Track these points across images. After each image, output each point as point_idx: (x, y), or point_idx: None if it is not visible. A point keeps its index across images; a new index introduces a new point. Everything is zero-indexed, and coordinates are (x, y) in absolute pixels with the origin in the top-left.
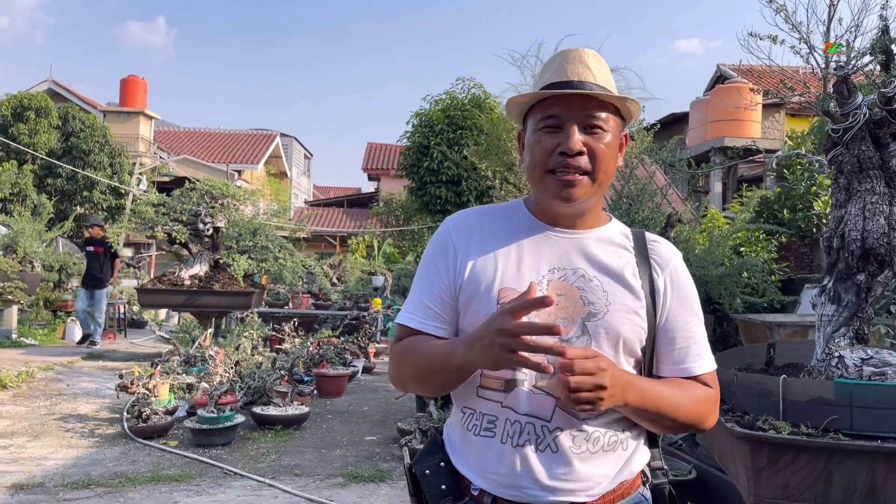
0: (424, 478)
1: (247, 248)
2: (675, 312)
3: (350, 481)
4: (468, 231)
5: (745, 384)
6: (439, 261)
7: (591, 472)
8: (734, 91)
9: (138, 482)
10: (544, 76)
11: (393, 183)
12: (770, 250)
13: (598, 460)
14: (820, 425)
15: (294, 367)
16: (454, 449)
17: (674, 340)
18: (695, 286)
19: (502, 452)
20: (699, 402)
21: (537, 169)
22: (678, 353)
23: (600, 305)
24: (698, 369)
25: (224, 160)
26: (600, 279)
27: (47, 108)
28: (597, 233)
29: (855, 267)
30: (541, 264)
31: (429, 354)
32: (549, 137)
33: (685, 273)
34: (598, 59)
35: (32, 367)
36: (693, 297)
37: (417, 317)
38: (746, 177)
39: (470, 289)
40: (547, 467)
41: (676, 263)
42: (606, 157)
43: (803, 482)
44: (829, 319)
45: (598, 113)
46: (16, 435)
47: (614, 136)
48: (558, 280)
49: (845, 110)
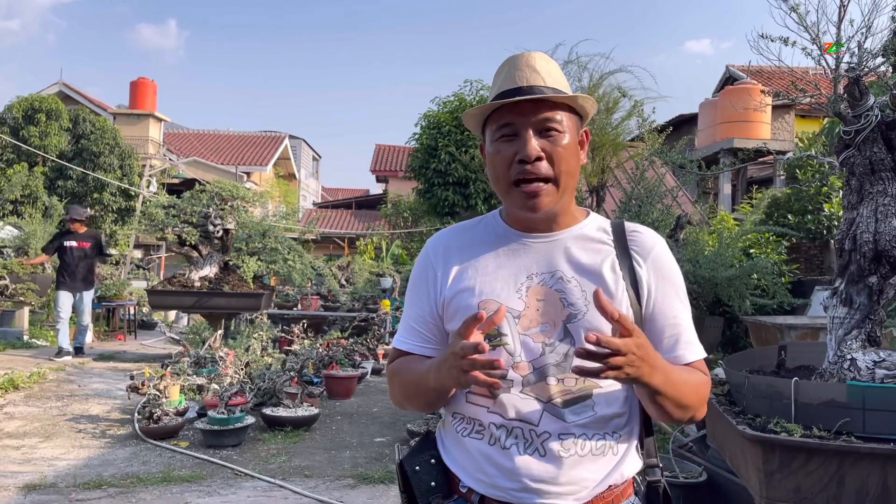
0: (415, 474)
1: (256, 249)
2: (660, 301)
3: (360, 482)
4: (445, 250)
5: (757, 386)
6: (420, 284)
7: (579, 476)
8: (743, 92)
9: (149, 483)
10: (495, 86)
11: (401, 185)
12: (780, 252)
13: (587, 464)
14: (832, 428)
15: (304, 368)
16: (445, 447)
17: (662, 329)
18: (680, 273)
19: (490, 454)
20: (699, 388)
21: (501, 181)
22: (668, 341)
23: (580, 306)
24: (690, 356)
25: (233, 162)
26: (578, 279)
27: (58, 111)
28: (572, 231)
29: (867, 269)
30: (518, 272)
31: (411, 376)
32: (507, 146)
33: (669, 260)
34: (547, 61)
35: (44, 368)
36: (678, 285)
37: (407, 340)
38: (756, 178)
39: (452, 306)
40: (534, 470)
41: (659, 251)
42: (566, 158)
43: (815, 485)
44: (840, 322)
45: (551, 115)
46: (28, 435)
47: (572, 136)
48: (537, 285)
49: (857, 112)
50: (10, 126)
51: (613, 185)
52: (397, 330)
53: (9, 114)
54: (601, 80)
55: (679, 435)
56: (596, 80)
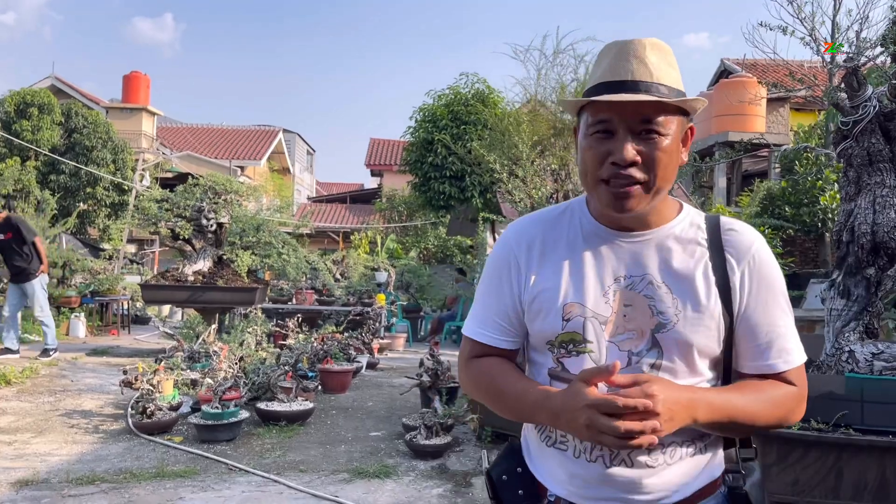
0: (502, 483)
1: (250, 243)
2: (754, 306)
3: (355, 477)
4: (529, 244)
5: None
6: (504, 275)
7: (669, 483)
8: (738, 85)
9: (143, 478)
10: (597, 71)
11: (396, 178)
12: (776, 245)
13: (676, 470)
14: (830, 420)
15: (298, 362)
16: (531, 455)
17: (755, 336)
18: (780, 274)
19: (576, 466)
20: (778, 404)
21: (589, 176)
22: (759, 349)
23: (670, 315)
24: (783, 365)
25: (227, 156)
26: (670, 284)
27: (50, 105)
28: (664, 231)
29: (865, 261)
30: (605, 275)
31: (511, 399)
32: (601, 144)
33: (768, 261)
34: (658, 51)
35: (36, 363)
36: (777, 288)
37: (486, 332)
38: (751, 171)
39: (535, 305)
40: (623, 479)
41: (756, 251)
42: (664, 163)
43: (813, 478)
44: (838, 314)
45: (654, 118)
46: (20, 431)
47: (674, 138)
48: (625, 289)
49: (855, 102)
50: (1, 120)
51: None
52: (468, 316)
53: (0, 108)
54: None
55: None
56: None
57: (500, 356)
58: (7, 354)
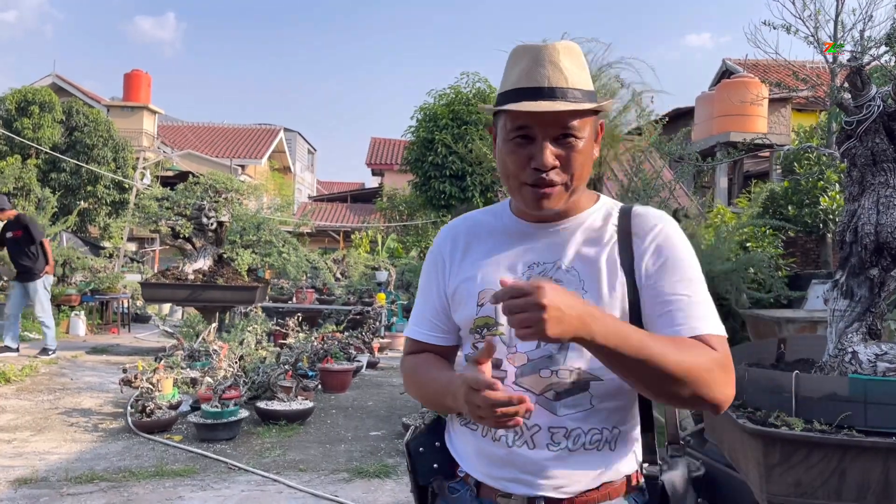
0: (418, 454)
1: (251, 242)
2: (656, 280)
3: (355, 476)
4: (454, 238)
5: (757, 380)
6: (432, 272)
7: (568, 471)
8: (740, 86)
9: (142, 477)
10: (511, 76)
11: (396, 178)
12: (777, 245)
13: (578, 458)
14: (833, 422)
15: (298, 361)
16: (449, 432)
17: (661, 306)
18: (688, 248)
19: (483, 444)
20: (696, 354)
21: (511, 180)
22: (665, 317)
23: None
24: (687, 331)
25: (227, 155)
26: (578, 269)
27: (51, 103)
28: (578, 220)
29: (868, 261)
30: (520, 261)
31: (428, 386)
32: (521, 149)
33: (672, 237)
34: (570, 55)
35: (36, 361)
36: (682, 259)
37: (419, 329)
38: (752, 172)
39: (457, 296)
40: (524, 461)
41: (662, 227)
42: (580, 163)
43: (816, 479)
44: (841, 314)
45: (570, 123)
46: (19, 429)
47: (588, 139)
48: (537, 275)
49: (859, 102)
50: (2, 118)
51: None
52: (410, 318)
53: (1, 106)
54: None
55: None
56: (595, 71)
57: (435, 353)
58: (6, 353)
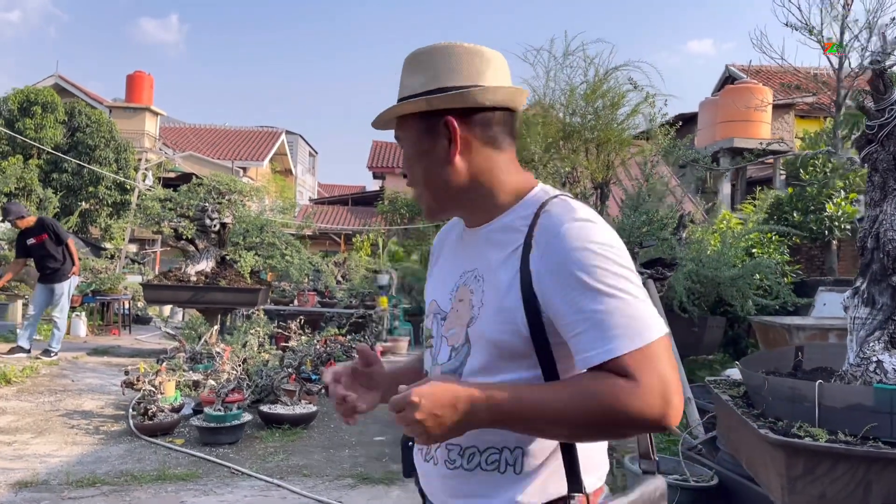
0: (406, 448)
1: (254, 244)
2: (556, 294)
3: (360, 482)
4: (437, 247)
5: (777, 389)
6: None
7: (468, 490)
8: (744, 91)
9: (144, 481)
10: None
11: (398, 181)
12: (783, 252)
13: (477, 479)
14: (858, 432)
15: (302, 365)
16: None
17: (568, 328)
18: (598, 254)
19: (416, 454)
20: (591, 394)
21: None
22: (574, 342)
23: (477, 308)
24: (595, 357)
25: (229, 157)
26: (486, 277)
27: (53, 103)
28: (495, 223)
29: (890, 268)
30: (454, 271)
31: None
32: None
33: (568, 238)
34: (410, 63)
35: (37, 362)
36: (588, 267)
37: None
38: (755, 178)
39: (425, 305)
40: (431, 479)
41: (561, 233)
42: (411, 167)
43: (841, 491)
44: (862, 322)
45: (398, 132)
46: (20, 431)
47: (413, 143)
48: (462, 284)
49: (881, 106)
50: (5, 118)
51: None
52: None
53: (4, 106)
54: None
55: (688, 437)
56: (601, 75)
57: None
58: (19, 353)
